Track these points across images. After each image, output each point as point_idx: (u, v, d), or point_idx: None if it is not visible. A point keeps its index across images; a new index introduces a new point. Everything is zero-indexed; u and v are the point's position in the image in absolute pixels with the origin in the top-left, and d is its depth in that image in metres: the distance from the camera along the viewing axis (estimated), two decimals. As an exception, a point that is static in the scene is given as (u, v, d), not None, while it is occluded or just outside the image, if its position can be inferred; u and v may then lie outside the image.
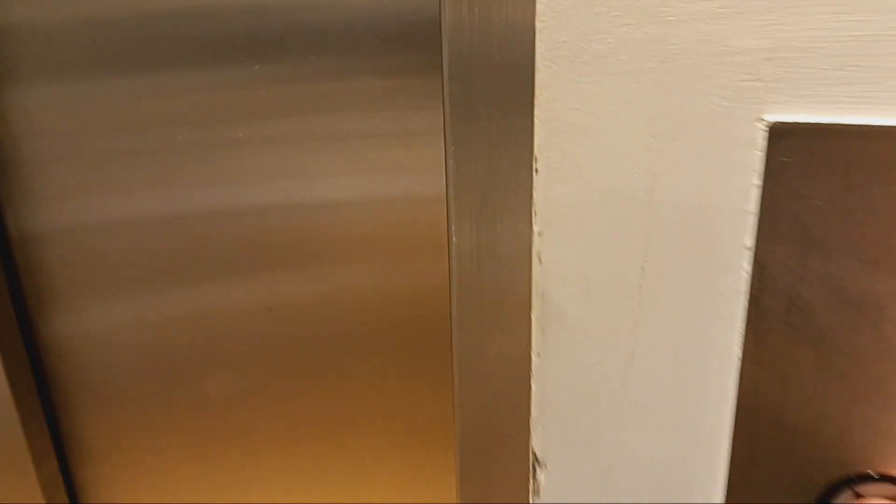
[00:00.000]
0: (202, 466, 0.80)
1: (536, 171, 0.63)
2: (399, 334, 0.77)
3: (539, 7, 0.58)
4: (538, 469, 0.72)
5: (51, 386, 0.79)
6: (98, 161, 0.69)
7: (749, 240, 0.56)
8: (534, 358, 0.68)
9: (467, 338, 0.71)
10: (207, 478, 0.80)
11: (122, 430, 0.80)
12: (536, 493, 0.73)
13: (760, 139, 0.54)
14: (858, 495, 0.58)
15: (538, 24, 0.58)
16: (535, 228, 0.64)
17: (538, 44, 0.59)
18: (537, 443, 0.72)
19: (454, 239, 0.67)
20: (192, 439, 0.79)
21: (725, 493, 0.62)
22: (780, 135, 0.53)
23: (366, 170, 0.71)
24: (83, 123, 0.68)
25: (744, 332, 0.59)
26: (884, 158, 0.51)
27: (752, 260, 0.57)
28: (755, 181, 0.55)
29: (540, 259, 0.64)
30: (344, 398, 0.79)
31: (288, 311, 0.74)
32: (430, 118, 0.69)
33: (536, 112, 0.61)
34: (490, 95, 0.62)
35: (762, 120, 0.53)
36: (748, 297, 0.58)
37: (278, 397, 0.77)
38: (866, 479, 0.57)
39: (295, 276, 0.74)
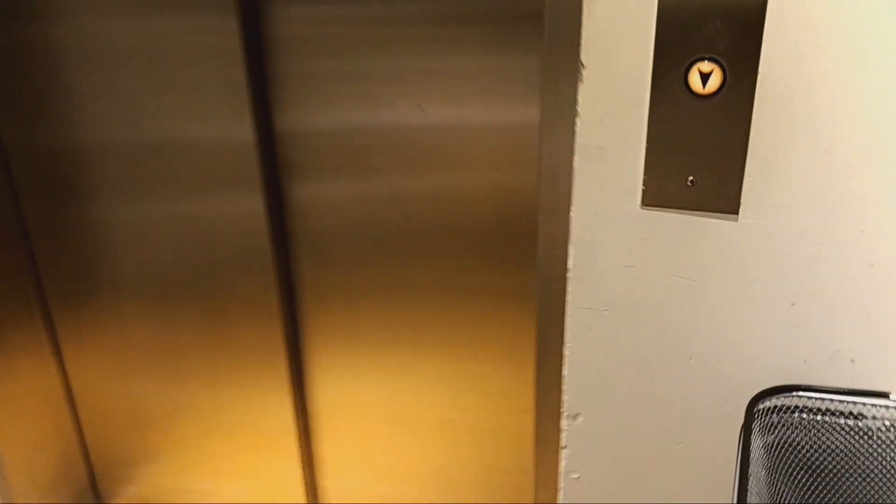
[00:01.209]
0: (383, 304, 1.25)
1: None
2: (500, 223, 1.13)
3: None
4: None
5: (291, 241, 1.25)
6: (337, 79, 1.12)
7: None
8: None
9: (545, 227, 0.88)
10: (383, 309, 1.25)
11: (340, 281, 1.26)
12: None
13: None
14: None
15: None
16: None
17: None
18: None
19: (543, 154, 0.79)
20: (385, 290, 1.24)
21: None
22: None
23: (478, 98, 1.05)
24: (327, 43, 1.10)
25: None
26: None
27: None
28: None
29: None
30: (449, 268, 1.19)
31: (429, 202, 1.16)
32: (531, 62, 0.98)
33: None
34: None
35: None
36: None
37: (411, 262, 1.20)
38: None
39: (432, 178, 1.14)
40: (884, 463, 0.67)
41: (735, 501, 0.60)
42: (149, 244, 1.32)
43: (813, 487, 0.63)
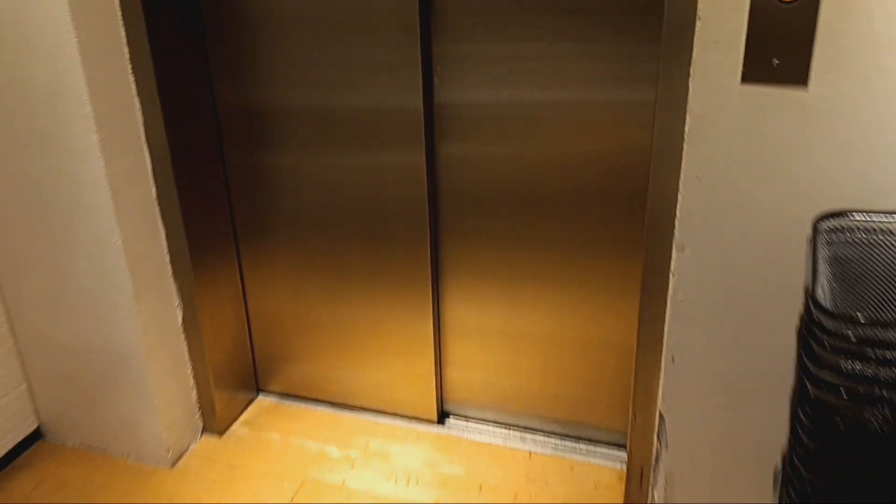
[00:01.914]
0: (506, 248, 1.65)
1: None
2: (619, 183, 1.50)
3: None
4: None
5: (439, 192, 1.66)
6: (483, 62, 1.51)
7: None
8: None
9: (656, 189, 1.21)
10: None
11: (474, 226, 1.66)
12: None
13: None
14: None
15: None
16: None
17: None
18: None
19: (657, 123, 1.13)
20: (509, 237, 1.64)
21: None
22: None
23: (602, 79, 1.43)
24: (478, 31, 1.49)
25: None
26: None
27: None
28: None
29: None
30: (566, 224, 1.58)
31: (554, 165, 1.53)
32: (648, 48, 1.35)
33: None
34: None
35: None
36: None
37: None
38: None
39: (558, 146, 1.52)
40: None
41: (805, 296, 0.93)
42: (327, 190, 1.70)
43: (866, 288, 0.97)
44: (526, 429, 1.81)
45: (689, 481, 1.37)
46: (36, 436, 1.83)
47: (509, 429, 1.82)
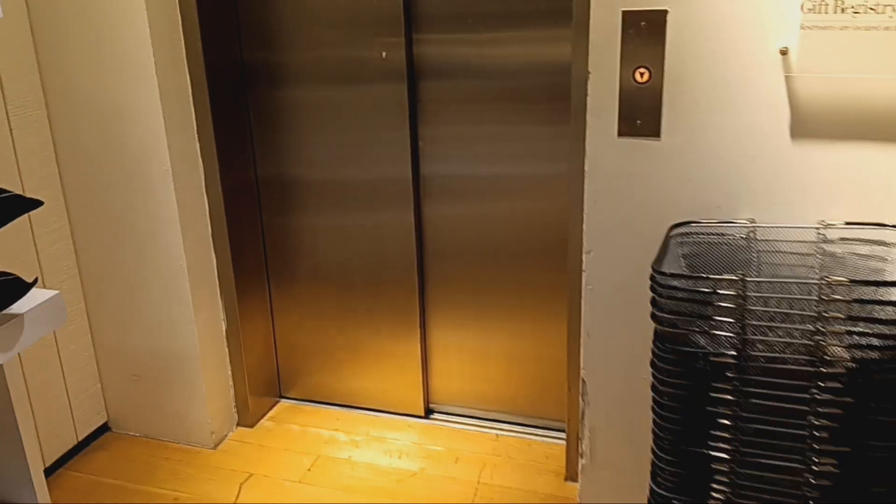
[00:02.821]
0: (476, 286, 2.16)
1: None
2: (558, 232, 2.03)
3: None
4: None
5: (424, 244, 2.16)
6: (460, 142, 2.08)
7: None
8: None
9: (573, 212, 1.77)
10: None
11: (451, 270, 2.19)
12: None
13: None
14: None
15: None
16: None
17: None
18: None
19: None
20: (477, 278, 2.14)
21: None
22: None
23: (538, 154, 2.02)
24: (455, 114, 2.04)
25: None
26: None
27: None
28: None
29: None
30: (520, 266, 2.09)
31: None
32: (563, 130, 1.94)
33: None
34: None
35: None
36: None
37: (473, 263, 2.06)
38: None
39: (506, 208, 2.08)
40: (737, 254, 1.55)
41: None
42: (338, 241, 2.25)
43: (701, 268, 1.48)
44: (494, 420, 2.29)
45: (606, 431, 1.85)
46: (104, 429, 2.30)
47: (480, 420, 2.30)
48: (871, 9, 1.39)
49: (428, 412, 2.35)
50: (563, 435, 2.15)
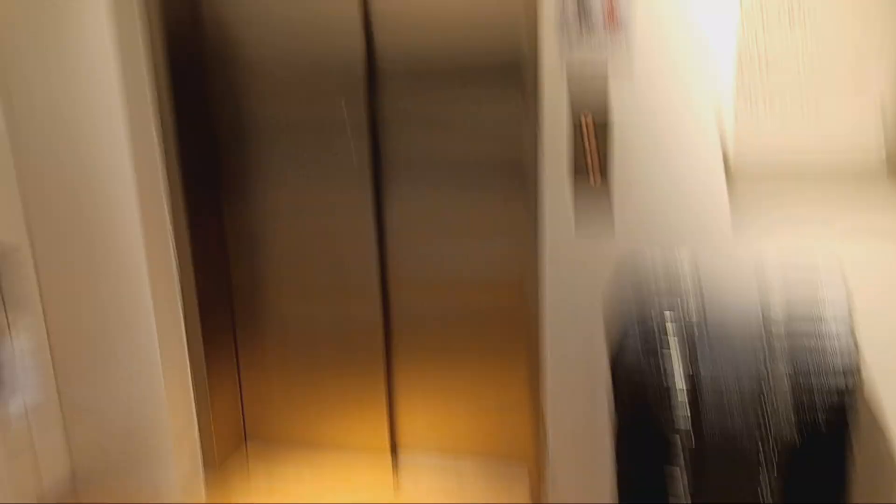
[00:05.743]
0: (435, 352, 2.33)
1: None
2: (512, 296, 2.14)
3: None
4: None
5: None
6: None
7: None
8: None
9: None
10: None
11: (414, 339, 2.34)
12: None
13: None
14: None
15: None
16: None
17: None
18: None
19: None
20: (434, 345, 2.30)
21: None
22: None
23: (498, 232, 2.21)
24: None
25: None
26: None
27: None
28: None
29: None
30: (482, 329, 2.24)
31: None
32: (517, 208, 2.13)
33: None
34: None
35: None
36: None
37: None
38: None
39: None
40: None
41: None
42: (302, 302, 2.38)
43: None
44: (460, 457, 2.43)
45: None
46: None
47: (447, 456, 2.43)
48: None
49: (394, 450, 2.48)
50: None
